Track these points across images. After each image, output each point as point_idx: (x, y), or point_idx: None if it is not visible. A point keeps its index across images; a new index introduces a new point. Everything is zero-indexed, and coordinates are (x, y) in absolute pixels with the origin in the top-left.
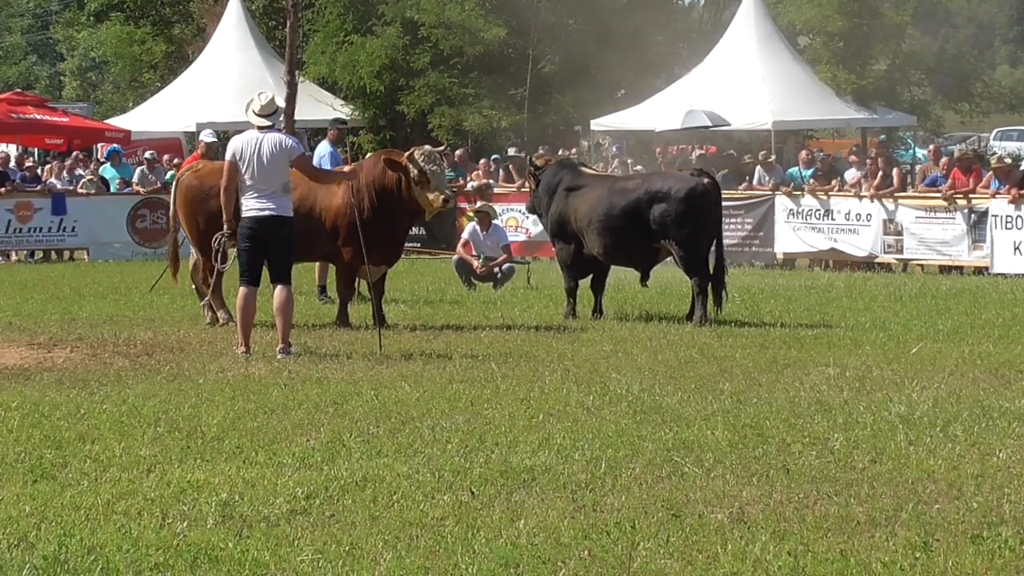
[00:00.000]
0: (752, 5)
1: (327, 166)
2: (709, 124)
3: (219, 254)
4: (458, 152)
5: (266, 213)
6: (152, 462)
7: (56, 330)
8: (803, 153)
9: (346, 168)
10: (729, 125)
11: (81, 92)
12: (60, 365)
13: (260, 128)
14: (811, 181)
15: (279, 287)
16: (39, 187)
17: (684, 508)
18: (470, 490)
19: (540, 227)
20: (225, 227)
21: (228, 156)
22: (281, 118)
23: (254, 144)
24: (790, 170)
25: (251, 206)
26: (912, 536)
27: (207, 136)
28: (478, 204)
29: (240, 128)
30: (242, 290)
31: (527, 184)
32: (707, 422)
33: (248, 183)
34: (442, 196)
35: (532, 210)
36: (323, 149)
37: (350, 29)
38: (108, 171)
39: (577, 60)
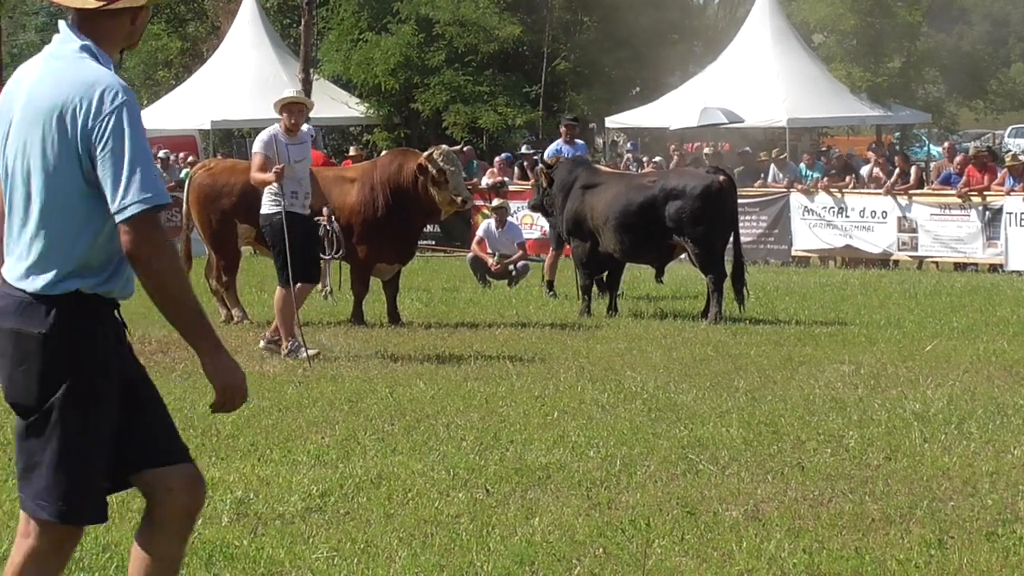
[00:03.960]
0: (766, 2)
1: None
2: (725, 121)
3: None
4: (466, 149)
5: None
6: None
7: None
8: (805, 156)
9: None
10: (743, 122)
11: None
12: None
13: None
14: (824, 179)
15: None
16: None
17: (699, 506)
18: (485, 488)
19: None
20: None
21: None
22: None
23: None
24: (798, 166)
25: None
26: (927, 533)
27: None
28: (495, 202)
29: (256, 126)
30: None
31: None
32: (722, 420)
33: None
34: (460, 196)
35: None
36: (554, 147)
37: (365, 27)
38: None
39: (592, 58)
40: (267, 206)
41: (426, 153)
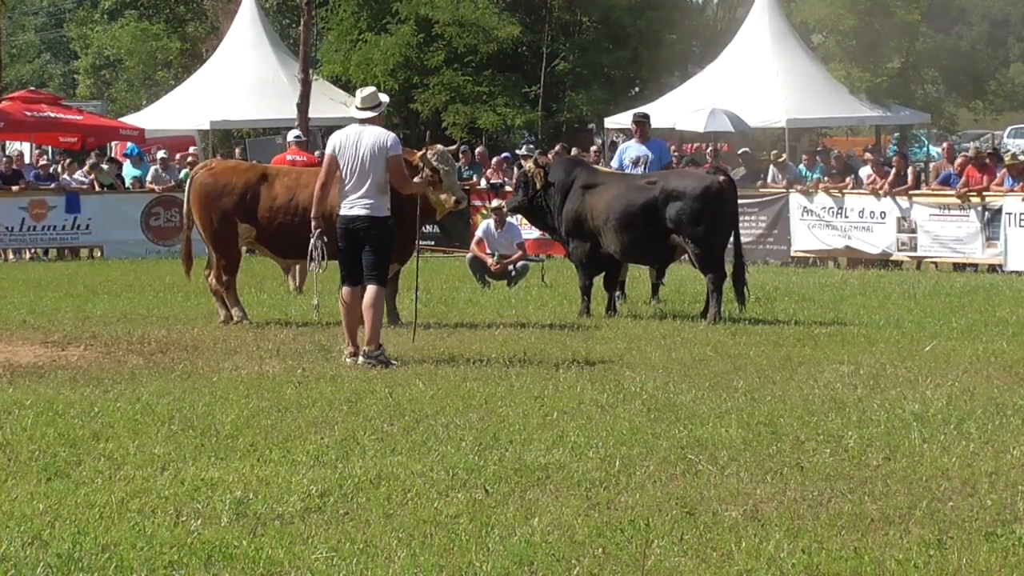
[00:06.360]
0: (766, 3)
1: (625, 162)
2: (731, 129)
3: (311, 255)
4: (478, 151)
5: (355, 212)
6: (166, 460)
7: (70, 328)
8: (804, 156)
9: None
10: (749, 128)
11: (95, 90)
12: (74, 363)
13: (362, 122)
14: (825, 179)
15: (367, 286)
16: (53, 185)
17: (698, 506)
18: (484, 488)
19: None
20: (312, 225)
21: (328, 151)
22: (381, 111)
23: (354, 138)
24: (798, 167)
25: (345, 204)
26: (926, 534)
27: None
28: (494, 202)
29: (255, 126)
30: (344, 289)
31: (534, 182)
32: (721, 420)
33: (344, 180)
34: (454, 197)
35: (517, 209)
36: (623, 148)
37: (364, 27)
38: (131, 171)
39: (591, 58)
40: (385, 209)
41: (419, 153)
